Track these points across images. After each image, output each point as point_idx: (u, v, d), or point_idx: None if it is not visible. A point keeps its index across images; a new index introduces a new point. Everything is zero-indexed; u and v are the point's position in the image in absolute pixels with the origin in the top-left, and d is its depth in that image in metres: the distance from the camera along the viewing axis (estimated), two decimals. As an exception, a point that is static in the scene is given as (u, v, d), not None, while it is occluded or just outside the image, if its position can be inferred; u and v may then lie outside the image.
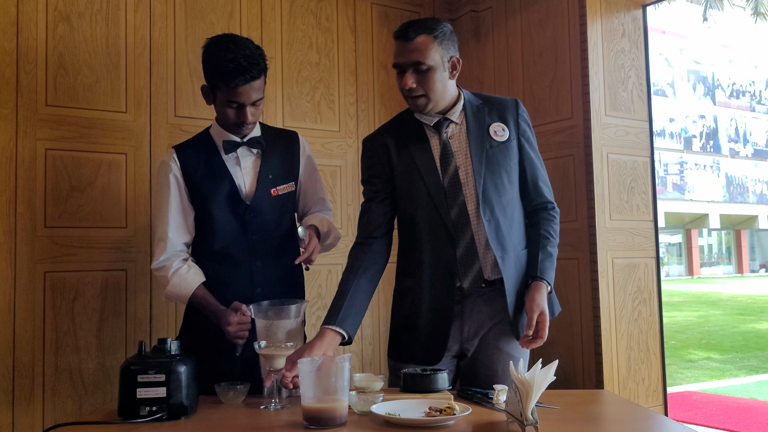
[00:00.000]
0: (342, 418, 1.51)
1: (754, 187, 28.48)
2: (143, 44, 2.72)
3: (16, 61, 2.47)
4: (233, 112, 2.04)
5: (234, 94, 1.99)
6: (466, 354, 2.04)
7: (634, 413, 1.71)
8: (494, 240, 1.97)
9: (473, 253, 1.98)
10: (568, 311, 2.90)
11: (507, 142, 2.04)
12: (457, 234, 1.98)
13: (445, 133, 2.03)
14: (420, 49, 1.92)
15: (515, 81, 3.23)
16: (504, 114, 2.07)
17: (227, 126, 2.10)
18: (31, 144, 2.48)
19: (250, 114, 2.04)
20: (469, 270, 1.99)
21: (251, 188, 2.12)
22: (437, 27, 1.96)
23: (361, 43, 3.27)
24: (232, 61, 1.95)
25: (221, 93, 2.01)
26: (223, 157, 2.11)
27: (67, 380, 2.49)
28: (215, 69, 2.00)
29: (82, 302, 2.54)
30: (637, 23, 3.08)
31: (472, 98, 2.10)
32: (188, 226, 2.11)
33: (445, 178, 2.00)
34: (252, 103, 2.03)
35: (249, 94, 2.00)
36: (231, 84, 1.97)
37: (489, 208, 1.98)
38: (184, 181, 2.09)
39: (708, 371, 8.01)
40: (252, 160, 2.15)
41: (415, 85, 1.94)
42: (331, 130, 3.14)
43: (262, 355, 1.75)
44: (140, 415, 1.57)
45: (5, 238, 2.42)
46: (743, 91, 28.33)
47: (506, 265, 1.98)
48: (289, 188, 2.18)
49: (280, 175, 2.17)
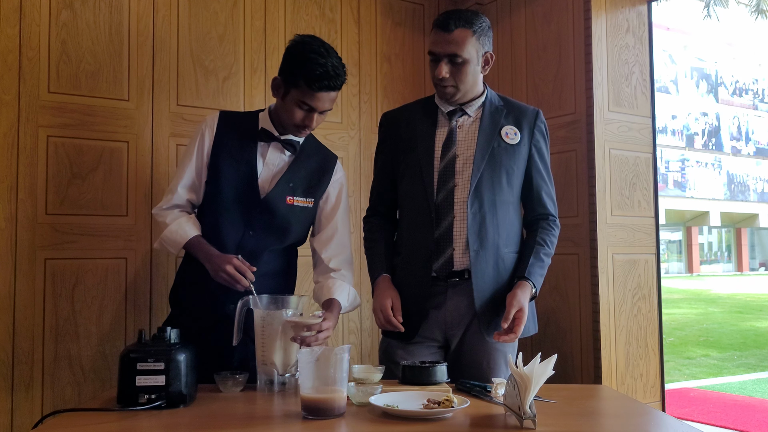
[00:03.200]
0: (340, 409, 1.51)
1: (755, 185, 28.45)
2: (146, 32, 2.71)
3: (19, 48, 2.47)
4: (302, 114, 2.02)
5: (312, 97, 1.98)
6: (450, 345, 2.06)
7: (632, 408, 1.72)
8: (474, 233, 2.01)
9: (448, 239, 2.02)
10: (567, 306, 2.91)
11: (516, 146, 2.07)
12: (438, 218, 2.02)
13: (455, 122, 2.07)
14: (458, 41, 1.98)
15: (519, 75, 3.23)
16: (520, 120, 2.11)
17: (285, 124, 2.08)
18: (33, 131, 2.48)
19: (316, 121, 2.05)
20: (441, 255, 2.03)
21: (268, 185, 2.09)
22: (477, 21, 2.01)
23: (365, 34, 3.26)
24: (323, 66, 1.95)
25: (297, 92, 1.99)
26: (256, 143, 2.11)
27: (66, 367, 2.50)
28: (302, 67, 1.97)
29: (83, 290, 2.54)
30: (641, 19, 3.07)
31: (494, 98, 2.15)
32: (200, 187, 2.12)
33: (441, 163, 2.06)
34: (321, 112, 2.03)
35: (324, 102, 2.00)
36: (314, 87, 1.96)
37: (479, 201, 2.01)
38: (211, 147, 2.10)
39: (706, 368, 8.02)
40: (280, 161, 2.13)
41: (448, 76, 2.00)
42: (334, 122, 3.14)
43: (290, 322, 1.82)
44: (139, 402, 1.57)
45: (6, 224, 2.42)
46: (746, 89, 28.27)
47: (480, 260, 2.01)
48: (306, 203, 2.14)
49: (301, 187, 2.13)
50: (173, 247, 2.08)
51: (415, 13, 3.41)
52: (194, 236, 2.05)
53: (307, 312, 2.12)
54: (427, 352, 2.06)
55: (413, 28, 3.39)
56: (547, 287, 2.88)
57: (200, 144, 2.11)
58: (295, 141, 2.13)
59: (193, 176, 2.12)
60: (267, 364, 1.82)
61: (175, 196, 2.11)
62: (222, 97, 2.81)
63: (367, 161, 3.20)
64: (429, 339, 2.07)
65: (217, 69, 2.83)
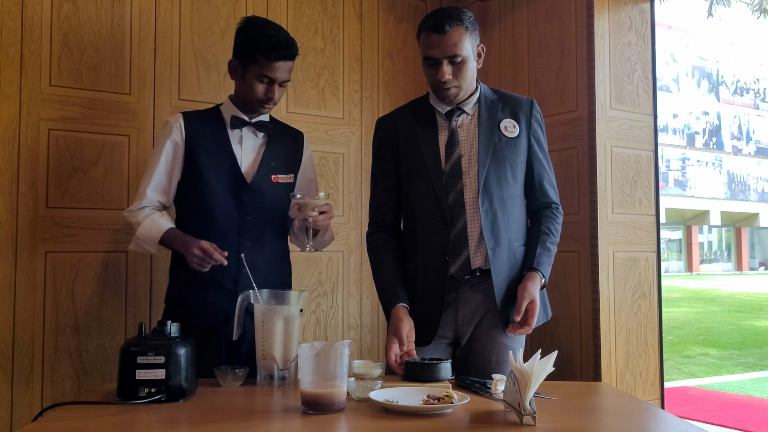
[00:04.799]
0: (340, 404, 1.51)
1: (755, 184, 28.44)
2: (148, 26, 2.70)
3: (21, 40, 2.46)
4: (263, 87, 2.10)
5: (270, 68, 2.06)
6: (460, 342, 2.06)
7: (632, 406, 1.72)
8: (489, 231, 2.00)
9: (464, 241, 2.01)
10: (567, 303, 2.91)
11: (516, 139, 2.06)
12: (452, 220, 2.01)
13: (455, 122, 2.05)
14: (455, 41, 1.96)
15: (521, 72, 3.22)
16: (517, 111, 2.10)
17: (249, 102, 2.14)
18: (35, 124, 2.48)
19: (277, 93, 2.12)
20: (458, 257, 2.02)
21: (252, 168, 2.15)
22: (466, 17, 2.00)
23: (367, 30, 3.26)
24: (275, 37, 2.06)
25: (255, 66, 2.08)
26: (228, 132, 2.16)
27: (66, 360, 2.50)
28: (257, 42, 2.06)
29: (83, 283, 2.54)
30: (644, 16, 3.07)
31: (488, 92, 2.13)
32: (170, 189, 2.16)
33: (447, 165, 2.04)
34: (280, 84, 2.11)
35: (282, 71, 2.09)
36: (271, 56, 2.05)
37: (488, 199, 2.00)
38: (184, 148, 2.13)
39: (705, 367, 8.02)
40: (256, 143, 2.19)
41: (451, 77, 1.98)
42: (335, 117, 3.14)
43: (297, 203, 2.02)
44: (139, 396, 1.57)
45: (7, 217, 2.42)
46: (747, 88, 28.24)
47: (497, 257, 2.01)
48: (288, 179, 2.22)
49: (281, 164, 2.21)
50: (150, 244, 2.11)
51: (417, 9, 3.41)
52: (169, 228, 2.10)
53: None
54: (436, 349, 2.05)
55: (415, 25, 3.38)
56: (548, 284, 2.88)
57: (170, 149, 2.14)
58: (266, 122, 2.21)
59: (163, 179, 2.15)
60: (267, 359, 1.82)
61: (144, 200, 2.14)
62: (223, 92, 2.81)
63: (368, 157, 3.18)
64: (440, 337, 2.06)
65: (218, 63, 2.83)
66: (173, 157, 2.14)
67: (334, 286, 3.11)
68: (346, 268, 3.15)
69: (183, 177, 2.15)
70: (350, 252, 3.16)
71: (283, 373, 1.82)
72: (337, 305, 3.11)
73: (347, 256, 3.15)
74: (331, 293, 3.10)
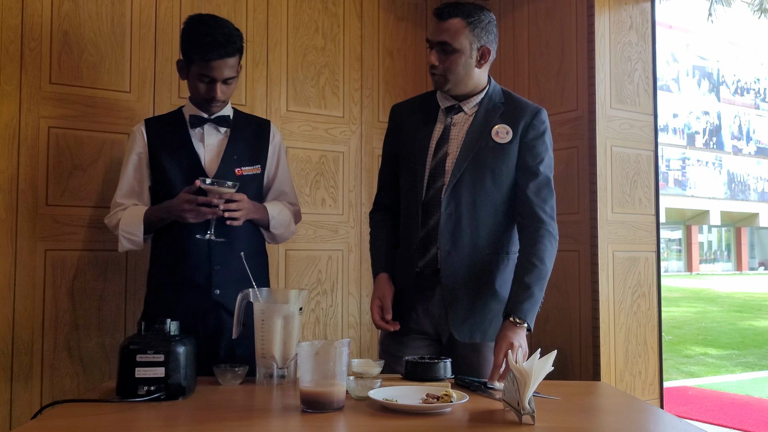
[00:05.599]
0: (339, 403, 1.51)
1: (755, 184, 28.47)
2: (148, 24, 2.70)
3: (21, 38, 2.46)
4: (204, 87, 2.11)
5: (207, 68, 2.06)
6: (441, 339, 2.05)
7: (631, 405, 1.72)
8: (448, 233, 2.00)
9: (433, 238, 2.02)
10: (567, 303, 2.91)
11: (507, 145, 2.01)
12: (425, 216, 2.02)
13: (450, 119, 2.05)
14: (450, 30, 1.96)
15: (521, 71, 3.22)
16: (517, 117, 2.03)
17: (197, 102, 2.17)
18: (35, 121, 2.47)
19: (221, 91, 2.11)
20: (426, 254, 2.03)
21: (214, 163, 2.17)
22: (474, 14, 1.98)
23: (367, 28, 3.26)
24: (209, 35, 2.04)
25: (195, 66, 2.09)
26: (189, 131, 2.18)
27: (65, 358, 2.50)
28: (192, 42, 2.07)
29: (82, 281, 2.54)
30: (645, 16, 3.06)
31: (496, 95, 2.08)
32: (143, 193, 2.20)
33: (433, 161, 2.04)
34: (224, 81, 2.10)
35: (222, 70, 2.07)
36: (205, 57, 2.04)
37: (455, 201, 1.99)
38: (147, 153, 2.17)
39: (704, 367, 8.03)
40: (218, 139, 2.20)
41: (438, 63, 1.99)
42: (335, 116, 3.14)
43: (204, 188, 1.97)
44: (138, 394, 1.57)
45: (7, 215, 2.42)
46: (748, 88, 28.26)
47: (450, 260, 1.99)
48: (254, 170, 2.22)
49: (245, 156, 2.21)
50: (135, 229, 2.13)
51: (417, 8, 3.41)
52: (147, 208, 2.15)
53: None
54: (419, 345, 2.05)
55: (415, 23, 3.39)
56: (547, 284, 2.88)
57: (135, 157, 2.19)
58: (226, 116, 2.21)
59: (133, 184, 2.19)
60: (266, 357, 1.82)
61: (119, 207, 2.18)
62: (224, 90, 2.80)
63: (368, 156, 3.20)
64: (420, 333, 2.06)
65: (219, 62, 2.82)
66: (139, 164, 2.19)
67: (333, 285, 3.11)
68: (345, 267, 3.15)
69: (152, 182, 2.20)
70: (350, 251, 3.16)
71: (282, 372, 1.82)
72: (336, 304, 3.11)
73: (347, 255, 3.15)
74: (330, 292, 3.10)
